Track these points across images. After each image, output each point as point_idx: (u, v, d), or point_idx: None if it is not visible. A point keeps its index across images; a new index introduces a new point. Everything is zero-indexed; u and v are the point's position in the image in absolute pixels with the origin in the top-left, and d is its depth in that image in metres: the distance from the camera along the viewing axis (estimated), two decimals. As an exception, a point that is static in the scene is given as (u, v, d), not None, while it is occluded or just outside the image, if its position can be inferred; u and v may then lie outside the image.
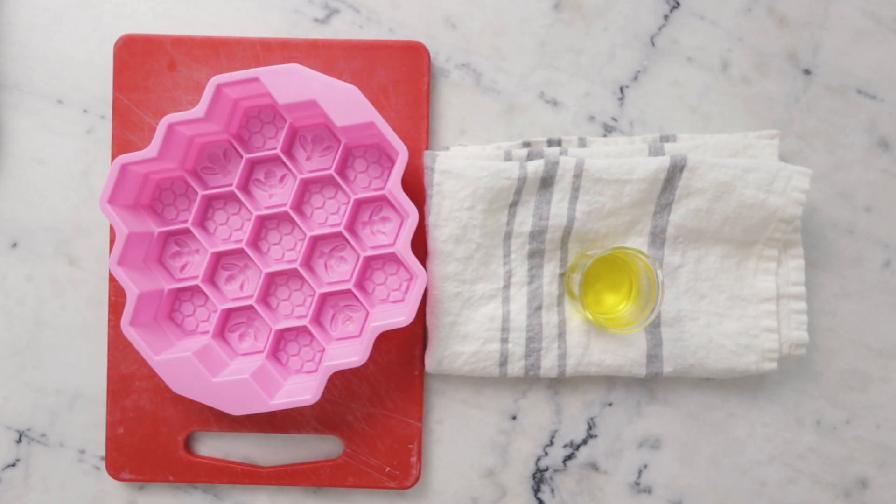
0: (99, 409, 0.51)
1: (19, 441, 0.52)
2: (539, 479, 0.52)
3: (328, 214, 0.50)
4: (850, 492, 0.51)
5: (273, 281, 0.50)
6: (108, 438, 0.50)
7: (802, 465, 0.51)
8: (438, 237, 0.48)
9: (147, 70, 0.50)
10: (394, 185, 0.46)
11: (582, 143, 0.50)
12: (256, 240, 0.50)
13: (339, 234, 0.49)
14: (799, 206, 0.47)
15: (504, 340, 0.49)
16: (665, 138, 0.50)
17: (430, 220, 0.48)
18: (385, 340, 0.50)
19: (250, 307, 0.49)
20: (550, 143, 0.50)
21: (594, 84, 0.51)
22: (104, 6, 0.51)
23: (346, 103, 0.45)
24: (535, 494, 0.52)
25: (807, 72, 0.51)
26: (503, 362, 0.49)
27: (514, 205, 0.49)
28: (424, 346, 0.51)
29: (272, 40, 0.50)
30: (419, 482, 0.51)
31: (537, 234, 0.49)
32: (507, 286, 0.49)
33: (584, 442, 0.52)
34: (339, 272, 0.50)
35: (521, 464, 0.52)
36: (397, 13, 0.51)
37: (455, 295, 0.49)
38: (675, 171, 0.47)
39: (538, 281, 0.50)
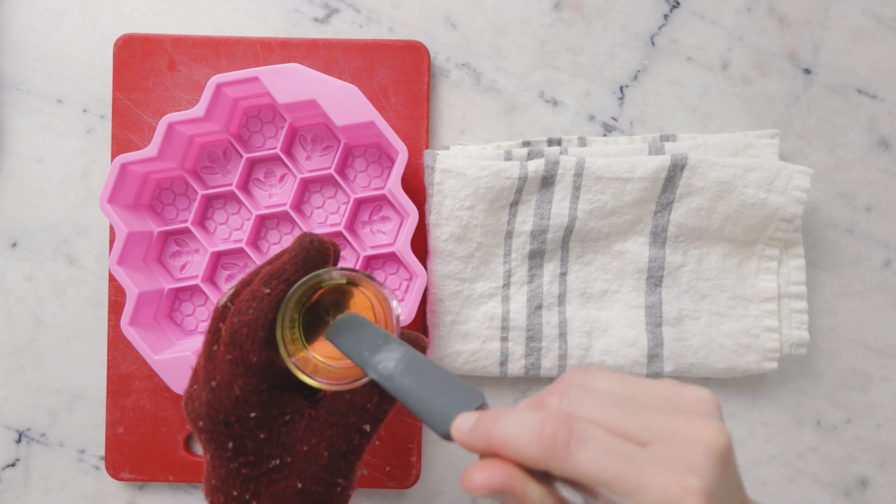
0: (99, 409, 0.51)
1: (19, 441, 0.52)
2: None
3: (328, 214, 0.50)
4: (850, 491, 0.51)
5: (273, 281, 0.50)
6: (107, 438, 0.50)
7: (802, 465, 0.51)
8: (439, 236, 0.48)
9: (147, 70, 0.50)
10: (394, 185, 0.46)
11: (582, 142, 0.50)
12: (256, 239, 0.50)
13: (338, 234, 0.49)
14: (800, 204, 0.47)
15: (504, 339, 0.49)
16: (665, 138, 0.50)
17: (431, 219, 0.48)
18: (385, 340, 0.50)
19: (250, 307, 0.49)
20: (550, 142, 0.50)
21: (594, 84, 0.51)
22: (104, 6, 0.51)
23: (345, 103, 0.45)
24: (536, 494, 0.51)
25: (807, 71, 0.51)
26: (503, 361, 0.49)
27: (514, 204, 0.49)
28: (424, 346, 0.51)
29: (272, 40, 0.50)
30: (419, 482, 0.51)
31: (538, 234, 0.49)
32: (506, 285, 0.49)
33: (585, 442, 0.52)
34: (339, 272, 0.50)
35: (521, 464, 0.52)
36: (397, 13, 0.51)
37: (455, 293, 0.49)
38: (676, 169, 0.47)
39: (538, 280, 0.50)
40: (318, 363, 0.35)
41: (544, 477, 0.27)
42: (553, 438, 0.25)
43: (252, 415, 0.33)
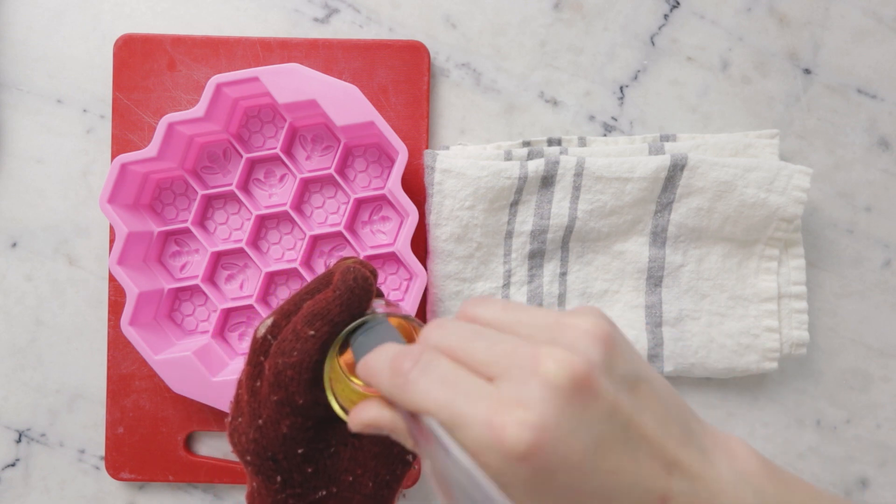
0: (99, 409, 0.51)
1: (19, 441, 0.52)
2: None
3: (328, 214, 0.50)
4: (850, 491, 0.51)
5: (273, 280, 0.50)
6: (107, 438, 0.50)
7: (802, 465, 0.51)
8: (439, 236, 0.48)
9: (147, 70, 0.50)
10: (394, 185, 0.46)
11: (582, 142, 0.50)
12: (256, 239, 0.50)
13: (338, 234, 0.49)
14: (800, 204, 0.47)
15: (504, 340, 0.49)
16: (665, 138, 0.50)
17: (431, 219, 0.48)
18: (385, 340, 0.50)
19: (250, 307, 0.49)
20: (550, 142, 0.50)
21: (594, 83, 0.51)
22: (104, 6, 0.51)
23: (345, 102, 0.45)
24: (536, 494, 0.51)
25: (807, 71, 0.51)
26: (503, 362, 0.49)
27: (514, 204, 0.49)
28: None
29: (272, 40, 0.50)
30: (419, 482, 0.51)
31: (538, 234, 0.49)
32: (506, 285, 0.49)
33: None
34: (339, 272, 0.50)
35: (521, 464, 0.51)
36: (397, 13, 0.51)
37: (455, 294, 0.49)
38: (676, 169, 0.47)
39: (538, 280, 0.50)
40: (359, 396, 0.34)
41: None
42: (399, 368, 0.25)
43: (299, 451, 0.34)
